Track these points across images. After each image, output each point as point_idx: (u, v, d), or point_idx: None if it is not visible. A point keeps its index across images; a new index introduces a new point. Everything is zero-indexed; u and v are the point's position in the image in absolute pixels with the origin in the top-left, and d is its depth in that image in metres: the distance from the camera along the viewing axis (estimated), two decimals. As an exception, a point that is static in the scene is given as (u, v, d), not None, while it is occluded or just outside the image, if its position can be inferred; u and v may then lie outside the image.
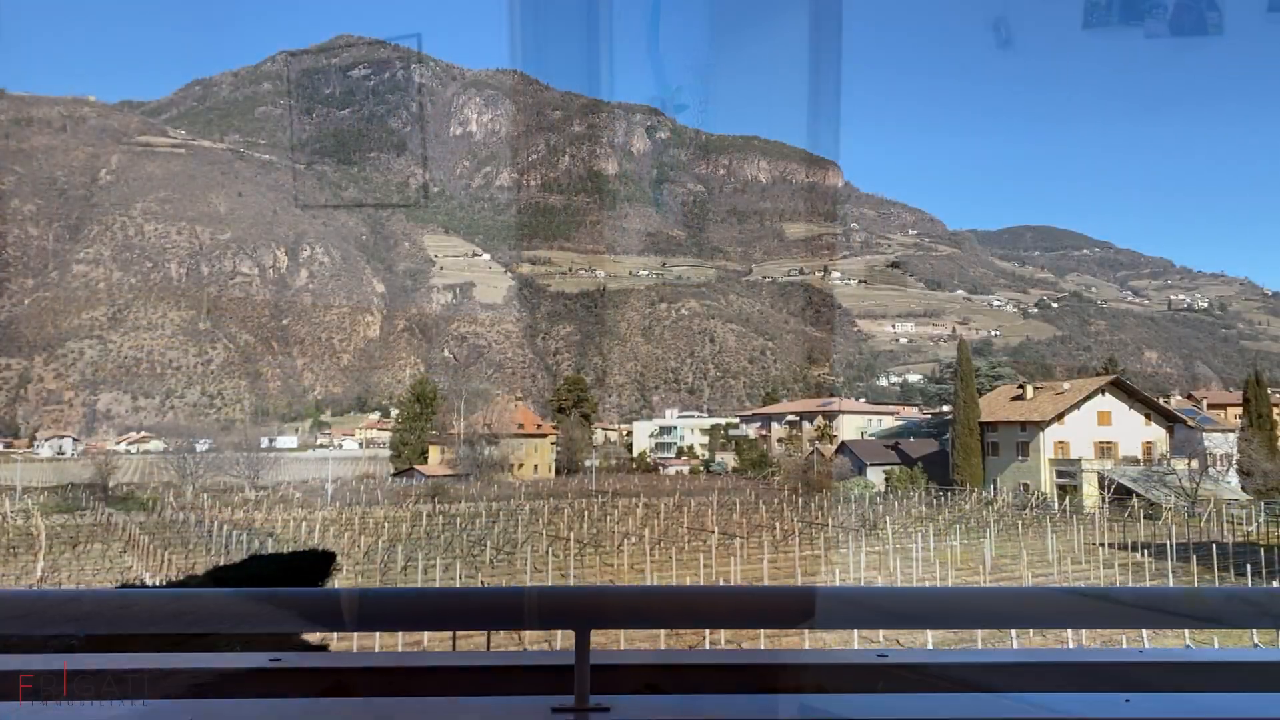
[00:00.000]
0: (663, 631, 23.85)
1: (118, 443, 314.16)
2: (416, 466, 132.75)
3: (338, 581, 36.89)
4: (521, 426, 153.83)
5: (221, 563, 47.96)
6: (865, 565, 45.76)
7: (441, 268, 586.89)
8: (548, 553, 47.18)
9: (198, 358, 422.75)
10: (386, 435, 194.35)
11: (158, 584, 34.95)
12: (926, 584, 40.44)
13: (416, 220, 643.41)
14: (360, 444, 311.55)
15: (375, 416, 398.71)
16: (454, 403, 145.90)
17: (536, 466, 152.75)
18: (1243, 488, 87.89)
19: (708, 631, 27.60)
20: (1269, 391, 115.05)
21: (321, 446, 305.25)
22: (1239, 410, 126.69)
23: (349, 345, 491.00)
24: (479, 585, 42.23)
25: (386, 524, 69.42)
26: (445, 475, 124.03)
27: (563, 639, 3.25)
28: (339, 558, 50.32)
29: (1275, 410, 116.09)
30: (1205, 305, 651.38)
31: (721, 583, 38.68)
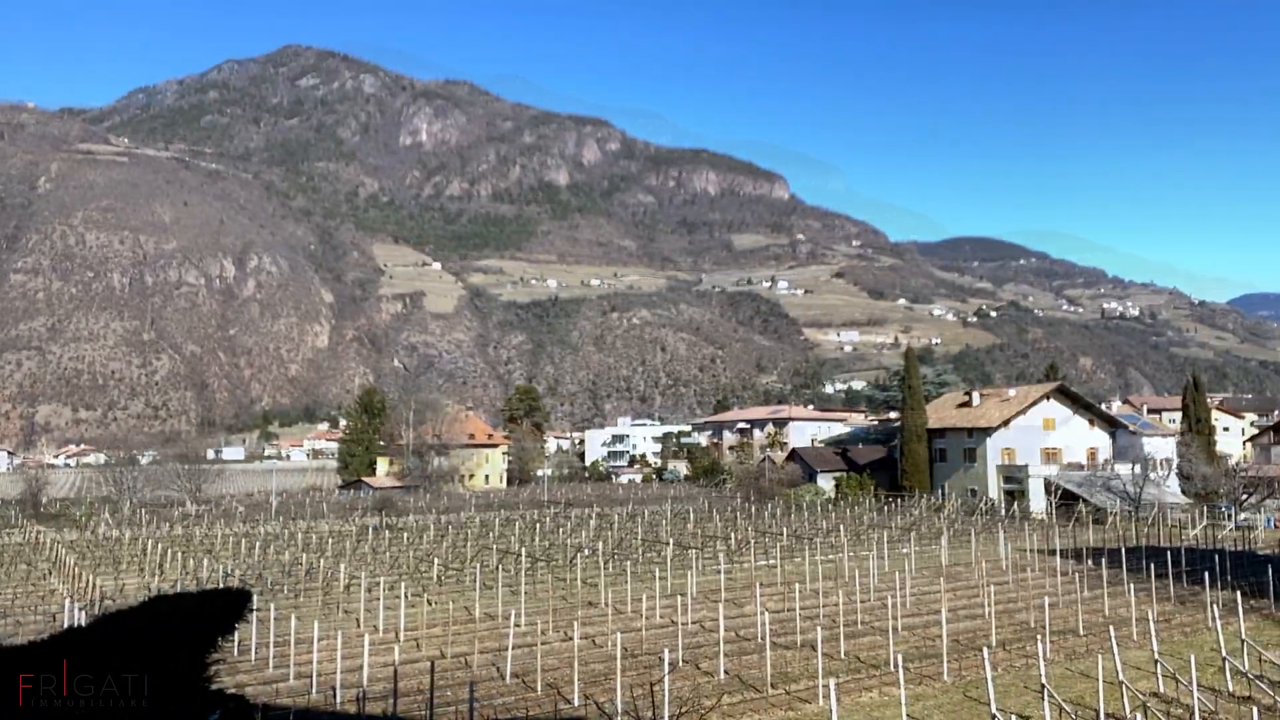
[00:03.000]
0: None
1: (56, 456, 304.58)
2: (364, 478, 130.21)
3: (272, 610, 35.56)
4: (472, 436, 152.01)
5: (155, 583, 46.06)
6: (822, 575, 45.44)
7: (391, 277, 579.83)
8: (498, 568, 46.11)
9: (141, 369, 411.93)
10: (335, 445, 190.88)
11: (80, 610, 33.25)
12: (884, 593, 40.20)
13: (366, 229, 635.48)
14: (308, 455, 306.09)
15: (324, 427, 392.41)
16: (403, 413, 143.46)
17: (487, 477, 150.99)
18: (1183, 491, 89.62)
19: None
20: (1206, 396, 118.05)
21: (269, 458, 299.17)
22: (1174, 414, 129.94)
23: (297, 355, 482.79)
24: (427, 603, 41.04)
25: (331, 539, 67.63)
26: (393, 487, 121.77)
27: None
28: (283, 577, 48.70)
29: (1212, 415, 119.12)
30: (1136, 313, 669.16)
31: (678, 598, 38.07)
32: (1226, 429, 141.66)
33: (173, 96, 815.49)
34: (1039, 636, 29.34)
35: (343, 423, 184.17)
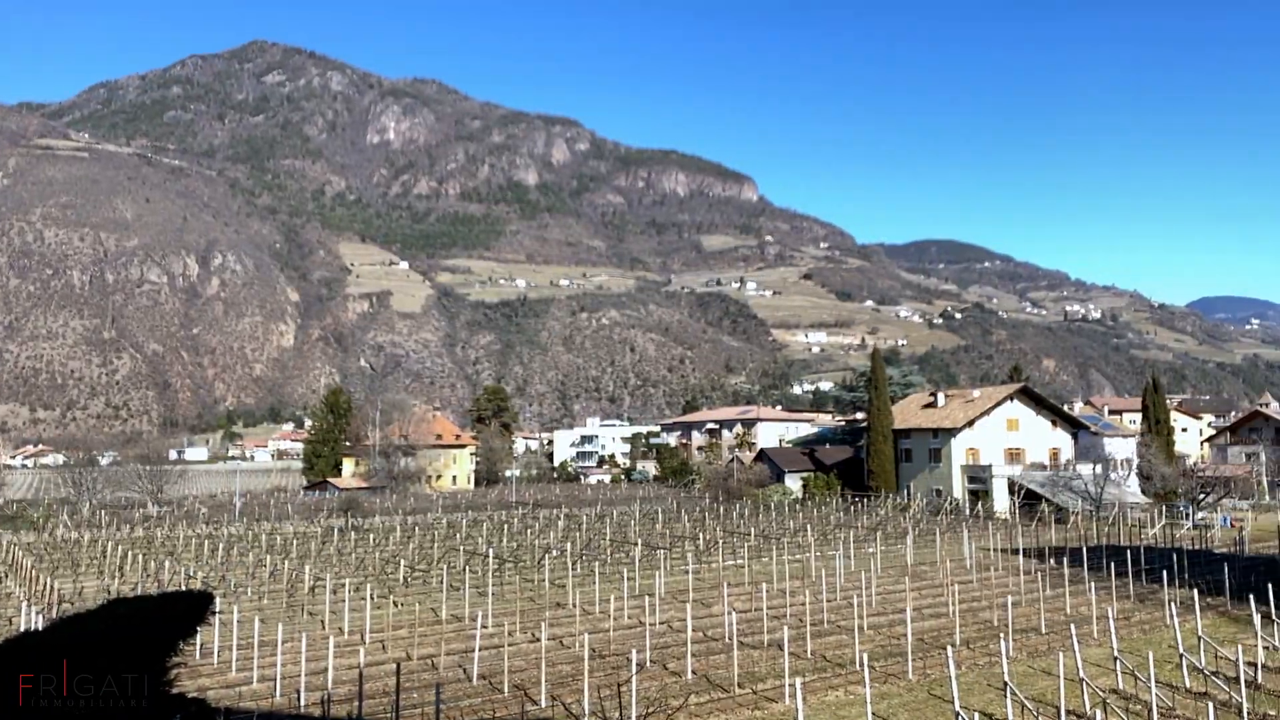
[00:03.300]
0: None
1: (13, 456, 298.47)
2: (330, 479, 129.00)
3: (235, 612, 35.13)
4: (439, 437, 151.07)
5: (114, 586, 45.32)
6: (789, 574, 45.68)
7: (358, 276, 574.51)
8: (465, 570, 45.87)
9: (102, 368, 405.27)
10: (300, 446, 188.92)
11: (37, 613, 32.61)
12: (850, 592, 40.50)
13: (332, 228, 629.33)
14: (273, 455, 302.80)
15: (289, 427, 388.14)
16: (369, 413, 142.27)
17: (455, 477, 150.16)
18: (1143, 491, 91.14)
19: None
20: (1165, 398, 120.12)
21: (233, 458, 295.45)
22: (1135, 415, 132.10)
23: (262, 355, 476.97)
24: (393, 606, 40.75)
25: (296, 541, 66.94)
26: (359, 488, 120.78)
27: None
28: (244, 579, 48.12)
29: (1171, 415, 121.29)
30: (1098, 316, 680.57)
31: (646, 599, 38.09)
32: (1185, 430, 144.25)
33: (135, 91, 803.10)
34: (1002, 635, 29.72)
35: (308, 423, 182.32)
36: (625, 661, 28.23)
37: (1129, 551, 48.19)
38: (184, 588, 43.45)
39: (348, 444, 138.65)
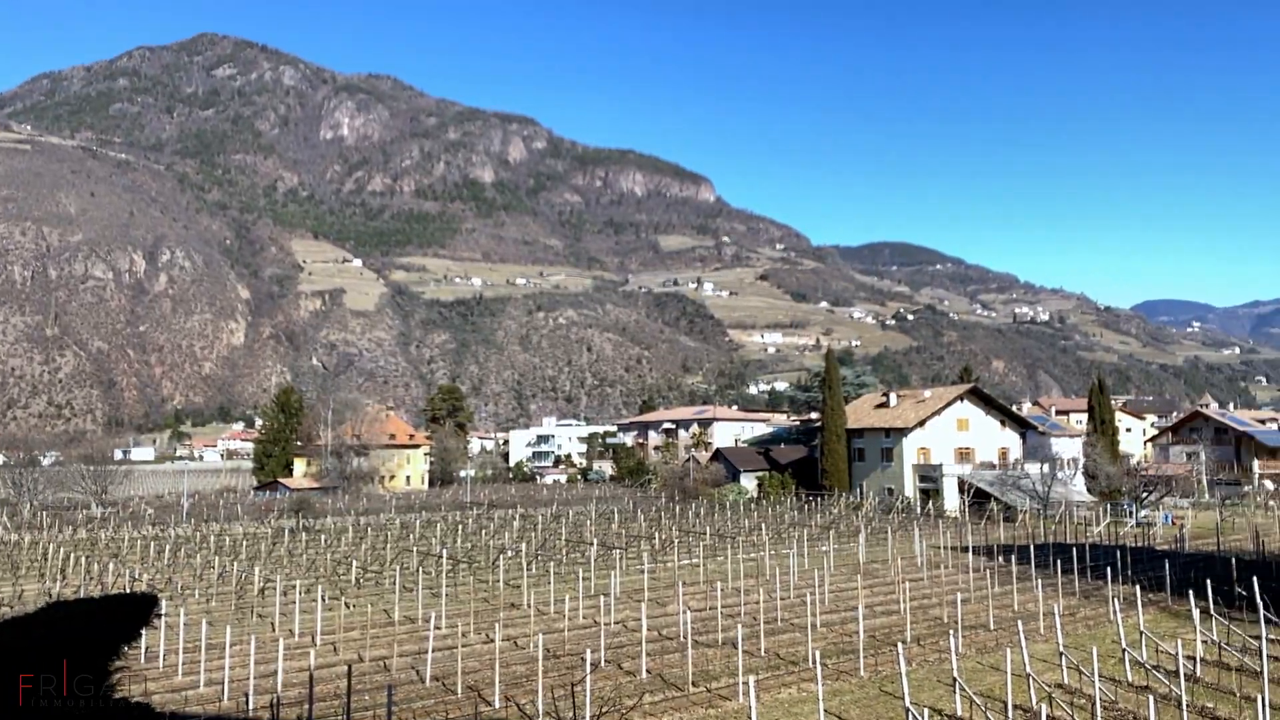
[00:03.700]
0: None
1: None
2: (281, 479, 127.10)
3: (182, 615, 34.51)
4: (393, 437, 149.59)
5: (56, 589, 44.21)
6: (744, 573, 45.96)
7: (310, 274, 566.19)
8: (418, 571, 45.47)
9: (44, 365, 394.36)
10: (250, 446, 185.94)
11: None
12: (803, 590, 40.84)
13: (284, 225, 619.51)
14: (222, 455, 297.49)
15: (239, 427, 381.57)
16: (321, 412, 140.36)
17: (409, 478, 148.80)
18: (1088, 489, 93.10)
19: None
20: (1110, 398, 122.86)
21: (181, 458, 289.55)
22: (1081, 416, 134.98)
23: (211, 353, 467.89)
24: (345, 608, 40.26)
25: (245, 542, 65.86)
26: (311, 488, 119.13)
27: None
28: (188, 583, 47.23)
29: (1115, 416, 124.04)
30: (1046, 318, 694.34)
31: (602, 598, 38.05)
32: (1129, 430, 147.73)
33: (79, 83, 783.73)
34: (952, 632, 30.19)
35: (259, 422, 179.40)
36: (580, 661, 28.20)
37: (1075, 549, 49.20)
38: (128, 590, 42.52)
39: (299, 444, 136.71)
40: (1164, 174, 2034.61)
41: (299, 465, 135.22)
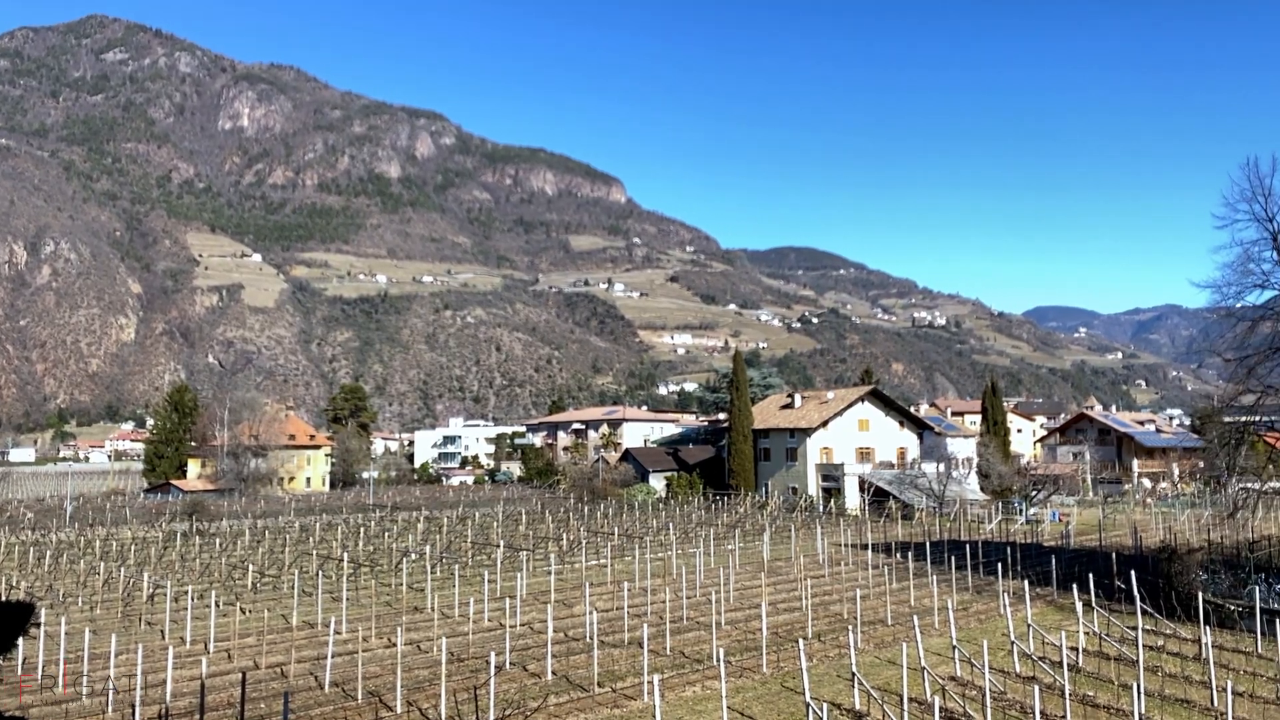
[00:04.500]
0: None
1: None
2: (173, 481, 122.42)
3: (63, 624, 32.91)
4: (293, 437, 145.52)
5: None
6: (651, 573, 46.19)
7: (206, 268, 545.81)
8: (318, 575, 44.31)
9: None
10: (141, 447, 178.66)
11: None
12: (709, 589, 41.28)
13: (179, 217, 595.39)
14: (110, 456, 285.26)
15: (129, 427, 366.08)
16: (217, 412, 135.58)
17: (309, 479, 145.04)
18: (982, 488, 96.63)
19: None
20: (1002, 400, 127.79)
21: (64, 459, 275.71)
22: (975, 417, 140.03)
23: (99, 350, 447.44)
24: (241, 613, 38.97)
25: (134, 546, 63.14)
26: (206, 490, 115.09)
27: None
28: (70, 591, 45.08)
29: (1007, 417, 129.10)
30: (943, 322, 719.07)
31: (508, 601, 37.73)
32: (1020, 431, 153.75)
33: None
34: (851, 627, 30.92)
35: (150, 422, 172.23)
36: (484, 664, 27.93)
37: (968, 546, 51.02)
38: (2, 598, 40.28)
39: (193, 444, 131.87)
40: (1053, 186, 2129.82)
41: (193, 467, 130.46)
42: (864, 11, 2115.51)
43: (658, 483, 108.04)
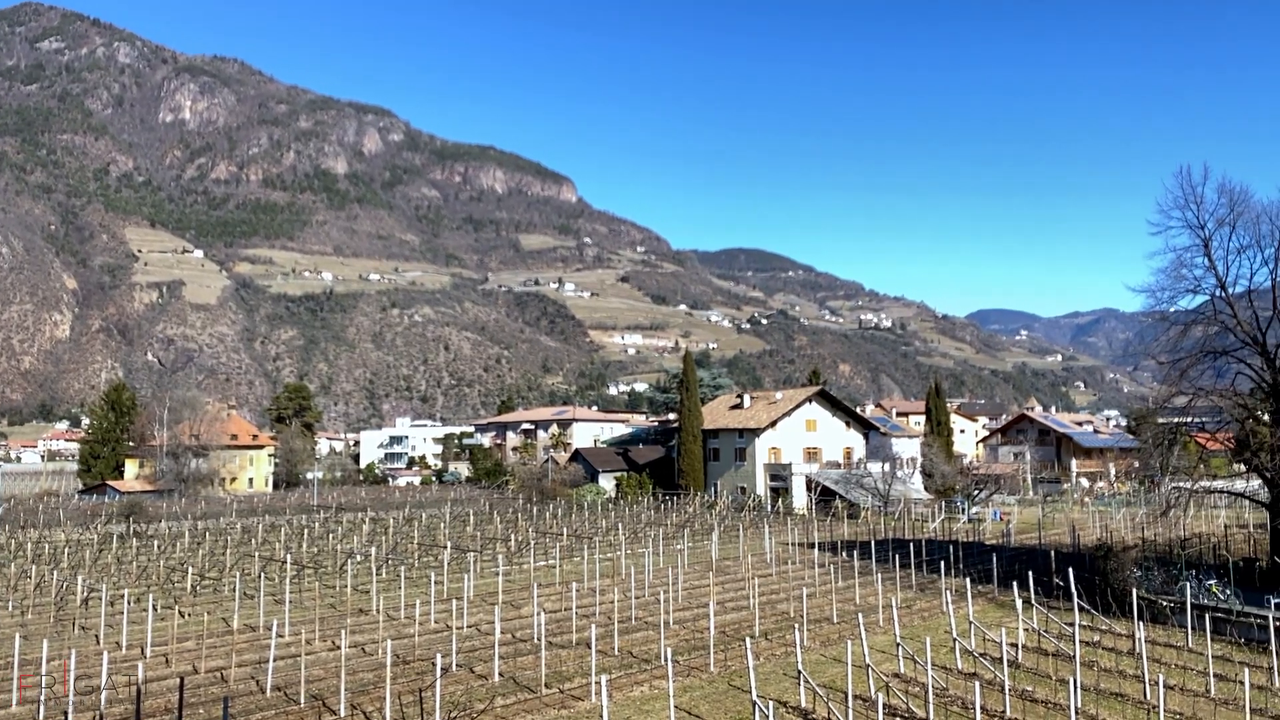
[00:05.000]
0: None
1: None
2: (110, 482, 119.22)
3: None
4: (235, 437, 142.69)
5: None
6: (600, 573, 46.15)
7: (146, 264, 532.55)
8: (260, 577, 43.51)
9: None
10: (76, 446, 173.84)
11: None
12: (657, 589, 41.36)
13: (117, 211, 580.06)
14: (43, 456, 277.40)
15: (63, 426, 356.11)
16: (157, 411, 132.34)
17: (252, 480, 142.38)
18: (926, 487, 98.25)
19: None
20: (946, 402, 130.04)
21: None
22: (919, 418, 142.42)
23: (32, 347, 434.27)
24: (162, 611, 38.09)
25: (68, 549, 61.38)
26: (144, 491, 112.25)
27: None
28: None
29: (951, 418, 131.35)
30: (889, 325, 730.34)
31: (455, 602, 37.41)
32: (963, 431, 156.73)
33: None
34: (797, 626, 31.19)
35: (86, 421, 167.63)
36: (430, 667, 27.67)
37: (912, 544, 51.79)
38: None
39: (131, 444, 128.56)
40: (996, 191, 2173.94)
41: (131, 467, 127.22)
42: (811, 14, 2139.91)
43: (607, 483, 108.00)
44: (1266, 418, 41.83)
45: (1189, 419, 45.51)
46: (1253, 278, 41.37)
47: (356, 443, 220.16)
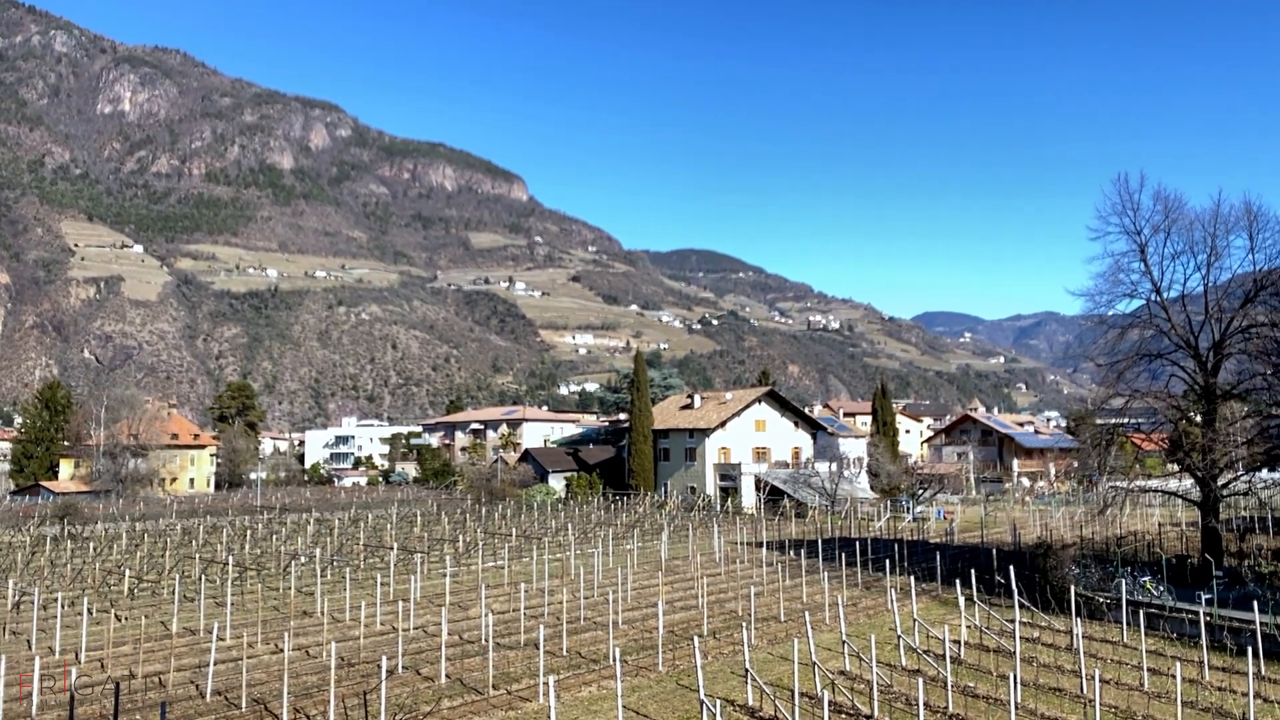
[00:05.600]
0: None
1: None
2: (43, 483, 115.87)
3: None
4: (175, 437, 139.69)
5: None
6: (549, 574, 46.02)
7: (83, 258, 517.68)
8: (201, 579, 42.61)
9: None
10: (8, 446, 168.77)
11: None
12: (607, 589, 41.33)
13: (53, 204, 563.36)
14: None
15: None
16: (94, 409, 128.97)
17: (193, 480, 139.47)
18: (872, 487, 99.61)
19: None
20: (892, 402, 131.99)
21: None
22: (866, 418, 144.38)
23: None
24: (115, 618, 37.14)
25: (-1, 552, 59.52)
26: (79, 492, 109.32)
27: None
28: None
29: (896, 418, 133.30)
30: (837, 326, 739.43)
31: (401, 604, 36.99)
32: (908, 431, 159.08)
33: None
34: (745, 624, 31.43)
35: (18, 420, 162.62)
36: (376, 669, 27.33)
37: (858, 543, 52.43)
38: None
39: (66, 444, 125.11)
40: (941, 194, 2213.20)
41: (66, 467, 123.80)
42: (759, 16, 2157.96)
43: (557, 483, 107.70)
44: (1198, 419, 43.14)
45: (1126, 420, 46.74)
46: (1186, 283, 42.68)
47: (301, 443, 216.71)
